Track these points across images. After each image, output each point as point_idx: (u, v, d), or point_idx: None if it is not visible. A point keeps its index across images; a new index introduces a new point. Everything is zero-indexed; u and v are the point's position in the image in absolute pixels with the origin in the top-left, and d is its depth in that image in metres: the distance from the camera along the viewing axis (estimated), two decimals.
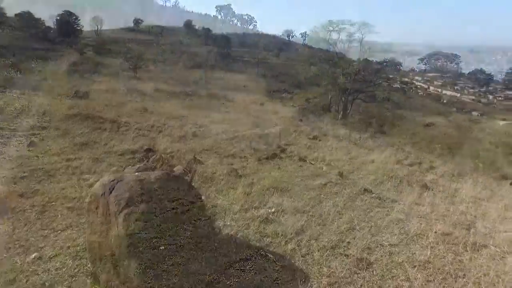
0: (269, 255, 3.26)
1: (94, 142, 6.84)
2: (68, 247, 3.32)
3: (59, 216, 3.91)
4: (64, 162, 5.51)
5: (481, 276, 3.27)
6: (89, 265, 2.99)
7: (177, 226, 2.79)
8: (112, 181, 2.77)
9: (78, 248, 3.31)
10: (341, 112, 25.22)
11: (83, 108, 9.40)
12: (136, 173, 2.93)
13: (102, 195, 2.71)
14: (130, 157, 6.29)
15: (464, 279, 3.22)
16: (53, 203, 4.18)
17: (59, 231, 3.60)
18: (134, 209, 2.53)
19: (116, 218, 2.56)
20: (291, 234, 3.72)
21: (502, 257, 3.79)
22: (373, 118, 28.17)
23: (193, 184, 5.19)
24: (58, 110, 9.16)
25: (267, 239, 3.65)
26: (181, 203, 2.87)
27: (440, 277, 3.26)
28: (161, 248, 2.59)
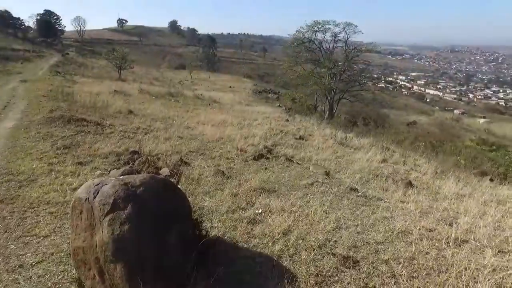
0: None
1: (77, 145, 6.70)
2: (52, 254, 3.25)
3: (42, 222, 3.82)
4: (46, 166, 5.38)
5: (462, 270, 3.36)
6: (73, 272, 2.93)
7: (164, 229, 2.76)
8: (97, 185, 2.72)
9: (62, 254, 3.24)
10: (327, 112, 25.47)
11: (66, 110, 9.21)
12: (121, 177, 2.88)
13: (86, 199, 2.66)
14: (115, 160, 6.19)
15: (446, 274, 3.30)
16: (34, 208, 4.08)
17: (42, 238, 3.51)
18: (119, 213, 2.49)
19: (101, 222, 2.51)
20: (279, 234, 3.73)
21: (482, 251, 3.91)
22: (358, 117, 28.60)
23: (179, 186, 5.18)
24: (39, 113, 8.96)
25: (255, 240, 3.65)
26: (167, 206, 2.84)
27: (424, 273, 3.33)
28: (147, 252, 2.56)
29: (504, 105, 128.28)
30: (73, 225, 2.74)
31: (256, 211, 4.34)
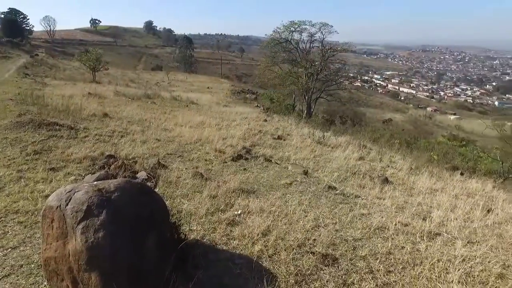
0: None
1: (49, 151, 6.45)
2: (21, 266, 3.09)
3: (10, 232, 3.64)
4: (15, 174, 5.14)
5: (435, 262, 3.48)
6: (45, 284, 2.81)
7: (141, 234, 2.70)
8: (69, 191, 2.62)
9: (33, 265, 3.10)
10: (305, 111, 25.75)
11: (36, 114, 8.85)
12: (95, 182, 2.79)
13: (57, 207, 2.56)
14: (90, 165, 6.00)
15: (421, 267, 3.40)
16: (1, 219, 3.88)
17: (10, 249, 3.34)
18: (93, 220, 2.41)
19: (74, 231, 2.42)
20: (258, 235, 3.73)
21: (453, 243, 4.06)
22: (336, 116, 29.10)
23: (157, 190, 5.09)
24: (6, 117, 8.56)
25: (234, 242, 3.63)
26: (144, 211, 2.78)
27: (400, 267, 3.43)
28: (123, 258, 2.49)
29: (471, 102, 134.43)
30: (43, 234, 2.63)
31: (235, 212, 4.32)
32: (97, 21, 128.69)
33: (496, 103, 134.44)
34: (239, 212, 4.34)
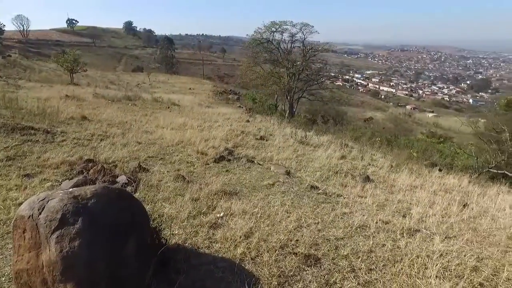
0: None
1: (24, 156, 6.21)
2: None
3: None
4: None
5: (414, 258, 3.56)
6: None
7: (120, 240, 2.63)
8: (42, 200, 2.52)
9: (3, 279, 2.96)
10: (288, 111, 25.90)
11: (9, 118, 8.52)
12: (70, 189, 2.70)
13: (29, 217, 2.46)
14: (68, 170, 5.81)
15: (401, 264, 3.47)
16: None
17: None
18: (68, 229, 2.33)
19: (48, 240, 2.33)
20: (240, 237, 3.71)
21: (432, 238, 4.17)
22: (318, 115, 29.40)
23: (138, 194, 4.99)
24: None
25: (217, 245, 3.60)
26: (123, 217, 2.72)
27: (381, 264, 3.48)
28: (101, 266, 2.42)
29: (448, 100, 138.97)
30: (15, 246, 2.52)
31: (218, 215, 4.29)
32: (74, 21, 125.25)
33: (471, 100, 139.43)
34: (221, 214, 4.31)
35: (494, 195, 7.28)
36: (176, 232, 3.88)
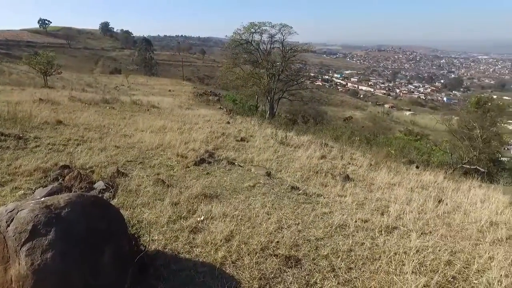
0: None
1: None
2: None
3: None
4: None
5: (392, 256, 3.65)
6: None
7: (96, 250, 2.56)
8: (10, 211, 2.43)
9: None
10: (268, 112, 26.00)
11: None
12: (42, 199, 2.61)
13: None
14: (42, 177, 5.60)
15: (379, 261, 3.55)
16: None
17: None
18: (40, 241, 2.25)
19: (17, 254, 2.25)
20: (221, 241, 3.69)
21: (409, 235, 4.28)
22: (298, 115, 29.68)
23: (116, 200, 4.88)
24: None
25: (197, 250, 3.57)
26: (99, 225, 2.65)
27: (360, 263, 3.55)
28: (76, 278, 2.36)
29: (424, 98, 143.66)
30: None
31: (198, 218, 4.25)
32: (46, 22, 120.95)
33: (445, 99, 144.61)
34: (201, 218, 4.27)
35: (467, 190, 7.56)
36: (156, 237, 3.82)
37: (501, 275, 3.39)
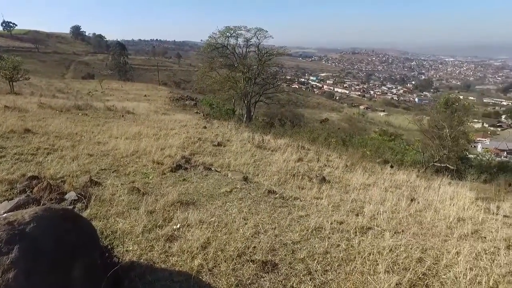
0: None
1: None
2: None
3: None
4: None
5: (367, 256, 3.73)
6: None
7: (65, 265, 2.47)
8: None
9: None
10: (245, 115, 26.05)
11: None
12: (4, 215, 2.49)
13: None
14: (8, 189, 5.35)
15: (354, 262, 3.62)
16: None
17: None
18: (1, 260, 2.15)
19: None
20: (198, 248, 3.66)
21: (382, 235, 4.40)
22: (275, 118, 29.90)
23: (88, 210, 4.74)
24: None
25: (173, 259, 3.51)
26: (68, 239, 2.56)
27: (336, 264, 3.61)
28: None
29: (397, 99, 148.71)
30: None
31: (174, 227, 4.19)
32: (11, 24, 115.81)
33: (416, 99, 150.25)
34: (178, 226, 4.21)
35: (437, 188, 7.85)
36: (131, 248, 3.73)
37: (466, 269, 3.56)
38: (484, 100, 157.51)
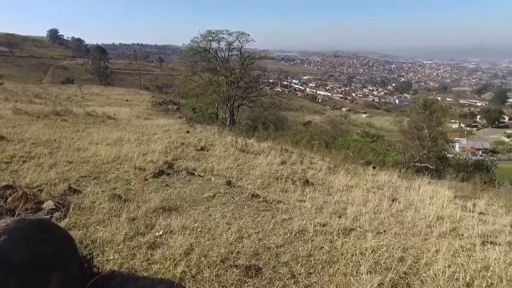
0: None
1: None
2: None
3: None
4: None
5: (349, 257, 3.77)
6: None
7: (40, 279, 2.39)
8: None
9: None
10: (229, 119, 26.02)
11: None
12: None
13: None
14: None
15: (337, 264, 3.65)
16: None
17: None
18: None
19: None
20: (180, 255, 3.61)
21: (365, 236, 4.46)
22: (258, 122, 29.99)
23: (67, 220, 4.60)
24: None
25: (156, 266, 3.45)
26: (44, 251, 2.48)
27: (320, 267, 3.63)
28: None
29: (378, 101, 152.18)
30: None
31: (156, 233, 4.12)
32: None
33: (397, 101, 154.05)
34: (160, 233, 4.15)
35: (418, 188, 8.04)
36: (111, 257, 3.64)
37: (445, 266, 3.65)
38: (460, 101, 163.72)
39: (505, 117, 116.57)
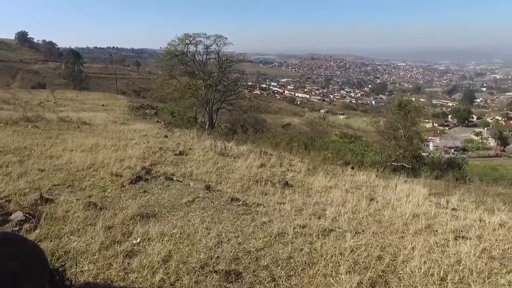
0: None
1: None
2: None
3: None
4: None
5: (329, 258, 3.81)
6: None
7: None
8: None
9: None
10: (208, 123, 25.88)
11: None
12: None
13: None
14: None
15: (317, 265, 3.67)
16: None
17: None
18: None
19: None
20: (159, 263, 3.52)
21: (344, 236, 4.51)
22: (237, 125, 29.97)
23: (38, 231, 4.41)
24: None
25: (133, 275, 3.36)
26: (9, 267, 2.35)
27: (300, 269, 3.64)
28: None
29: (355, 102, 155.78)
30: None
31: (134, 241, 4.01)
32: None
33: (373, 102, 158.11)
34: (138, 240, 4.04)
35: (395, 187, 8.24)
36: (86, 268, 3.51)
37: (420, 263, 3.75)
38: (433, 102, 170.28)
39: (474, 116, 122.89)
